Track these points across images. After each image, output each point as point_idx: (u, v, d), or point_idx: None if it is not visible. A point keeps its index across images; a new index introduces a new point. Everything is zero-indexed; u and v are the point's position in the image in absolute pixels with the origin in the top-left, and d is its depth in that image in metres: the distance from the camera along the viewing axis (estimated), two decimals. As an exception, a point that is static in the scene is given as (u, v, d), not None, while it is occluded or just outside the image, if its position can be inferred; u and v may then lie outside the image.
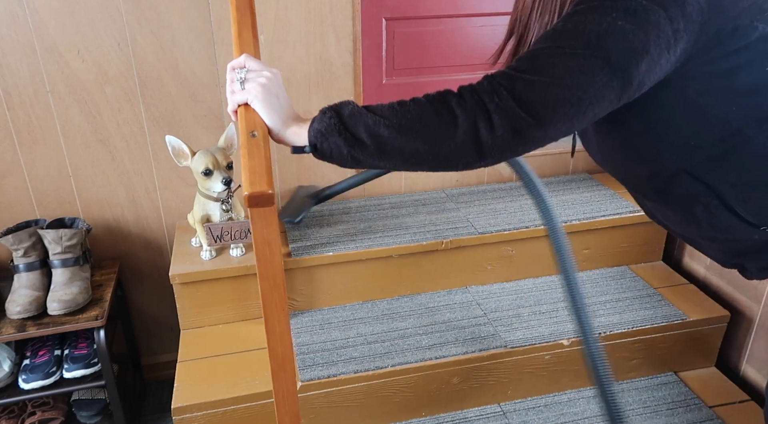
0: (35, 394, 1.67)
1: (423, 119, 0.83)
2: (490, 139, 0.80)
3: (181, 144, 1.63)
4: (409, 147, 0.83)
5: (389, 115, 0.84)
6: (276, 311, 0.92)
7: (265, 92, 0.92)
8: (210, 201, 1.68)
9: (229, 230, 1.68)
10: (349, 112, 0.87)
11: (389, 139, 0.83)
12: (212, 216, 1.70)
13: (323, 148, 0.88)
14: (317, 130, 0.88)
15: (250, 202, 0.83)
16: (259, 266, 0.89)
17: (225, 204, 1.68)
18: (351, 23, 1.82)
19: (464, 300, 1.87)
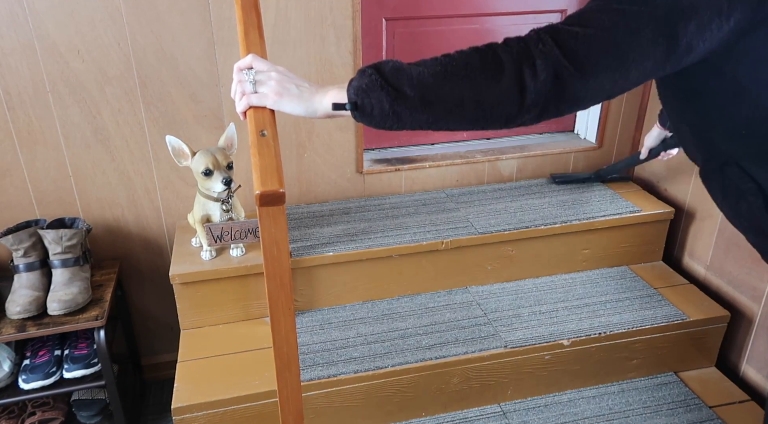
0: (35, 394, 1.67)
1: (469, 65, 0.83)
2: (533, 84, 0.79)
3: (181, 144, 1.63)
4: (453, 94, 0.83)
5: (433, 64, 0.85)
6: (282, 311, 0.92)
7: (283, 90, 0.92)
8: (210, 201, 1.68)
9: (230, 230, 1.67)
10: (391, 68, 0.86)
11: (433, 87, 0.83)
12: (212, 216, 1.70)
13: (364, 105, 0.87)
14: (357, 88, 0.87)
15: (261, 201, 0.83)
16: (266, 265, 0.89)
17: (225, 204, 1.68)
18: (351, 23, 1.82)
19: (464, 300, 1.87)
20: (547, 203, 2.03)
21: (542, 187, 2.16)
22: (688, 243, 2.02)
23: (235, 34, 1.76)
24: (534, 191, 2.12)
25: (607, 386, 1.79)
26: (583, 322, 1.76)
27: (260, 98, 0.93)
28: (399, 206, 2.02)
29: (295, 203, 2.04)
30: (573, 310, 1.81)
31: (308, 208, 2.02)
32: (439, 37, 2.04)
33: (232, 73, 1.85)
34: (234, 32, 1.75)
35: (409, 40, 2.01)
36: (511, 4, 2.04)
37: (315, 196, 2.05)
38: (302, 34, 1.80)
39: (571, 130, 2.34)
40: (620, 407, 1.71)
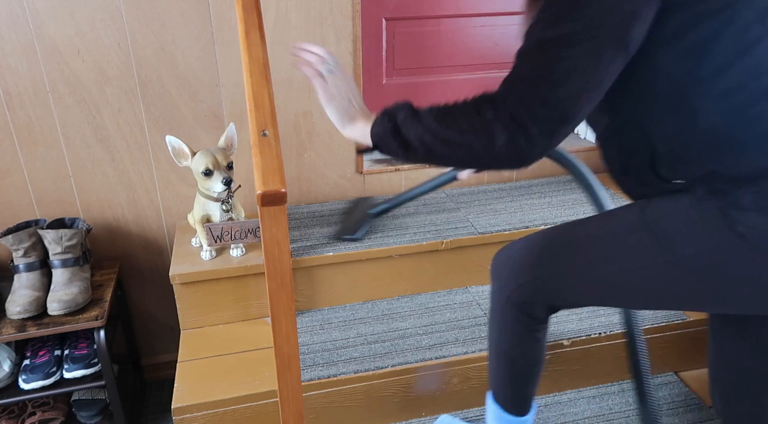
0: (35, 394, 1.66)
1: (464, 134, 0.90)
2: (528, 148, 0.87)
3: (181, 144, 1.63)
4: (454, 156, 0.93)
5: (434, 126, 0.92)
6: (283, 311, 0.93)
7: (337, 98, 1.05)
8: (210, 201, 1.68)
9: (230, 230, 1.67)
10: (402, 118, 0.95)
11: (435, 148, 0.92)
12: (212, 216, 1.70)
13: (383, 149, 1.00)
14: (376, 133, 0.99)
15: (263, 201, 0.84)
16: (267, 265, 0.89)
17: (225, 204, 1.68)
18: (351, 23, 1.82)
19: (464, 300, 1.87)
20: (547, 203, 2.03)
21: (542, 187, 2.16)
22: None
23: (235, 34, 1.76)
24: (534, 191, 2.12)
25: (607, 386, 1.79)
26: (583, 322, 1.76)
27: (321, 87, 1.05)
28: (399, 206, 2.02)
29: (295, 203, 2.04)
30: (573, 310, 1.81)
31: (308, 208, 2.02)
32: (439, 37, 2.04)
33: (232, 73, 1.86)
34: (234, 32, 1.75)
35: (409, 40, 2.01)
36: (511, 3, 2.04)
37: (315, 197, 2.05)
38: (302, 35, 1.80)
39: (571, 130, 2.34)
40: (620, 407, 1.71)
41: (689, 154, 0.92)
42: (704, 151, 0.90)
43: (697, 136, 0.90)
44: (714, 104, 0.87)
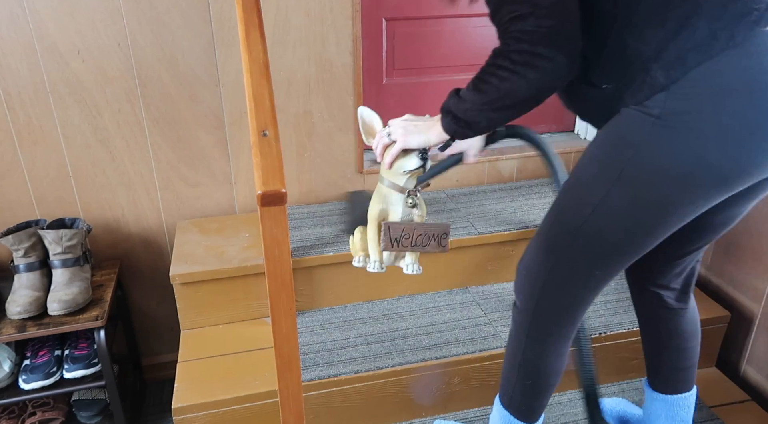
0: (35, 394, 1.67)
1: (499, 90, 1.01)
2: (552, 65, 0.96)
3: (373, 116, 1.31)
4: (507, 109, 1.05)
5: (475, 98, 1.05)
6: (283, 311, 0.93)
7: (406, 132, 1.19)
8: (393, 192, 1.27)
9: (411, 233, 1.27)
10: (453, 106, 1.09)
11: (488, 113, 1.06)
12: (392, 212, 1.27)
13: (459, 137, 1.15)
14: (446, 129, 1.13)
15: (263, 201, 0.84)
16: (267, 265, 0.89)
17: (411, 197, 1.27)
18: (351, 23, 1.82)
19: (464, 300, 1.87)
20: (547, 203, 2.03)
21: (542, 187, 2.16)
22: (688, 243, 2.03)
23: (235, 34, 1.76)
24: (534, 191, 2.12)
25: (607, 386, 1.79)
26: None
27: (397, 144, 1.19)
28: (399, 206, 2.02)
29: (296, 203, 2.04)
30: (573, 310, 1.81)
31: (308, 208, 2.02)
32: (439, 37, 2.04)
33: (232, 73, 1.87)
34: (234, 32, 1.75)
35: (409, 40, 2.01)
36: (511, 4, 2.04)
37: (315, 197, 2.05)
38: (302, 35, 1.80)
39: (571, 131, 2.35)
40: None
41: (607, 54, 1.01)
42: (616, 47, 1.00)
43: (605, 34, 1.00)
44: None
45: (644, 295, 1.37)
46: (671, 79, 0.95)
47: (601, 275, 1.14)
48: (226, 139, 1.87)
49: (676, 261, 1.28)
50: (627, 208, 1.04)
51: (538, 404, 1.31)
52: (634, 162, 1.01)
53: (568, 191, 1.15)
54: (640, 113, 1.00)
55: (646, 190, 1.02)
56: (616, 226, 1.07)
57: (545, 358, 1.24)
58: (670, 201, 1.02)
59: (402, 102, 2.08)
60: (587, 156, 1.11)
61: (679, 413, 1.44)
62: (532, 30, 0.95)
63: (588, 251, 1.11)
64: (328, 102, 1.90)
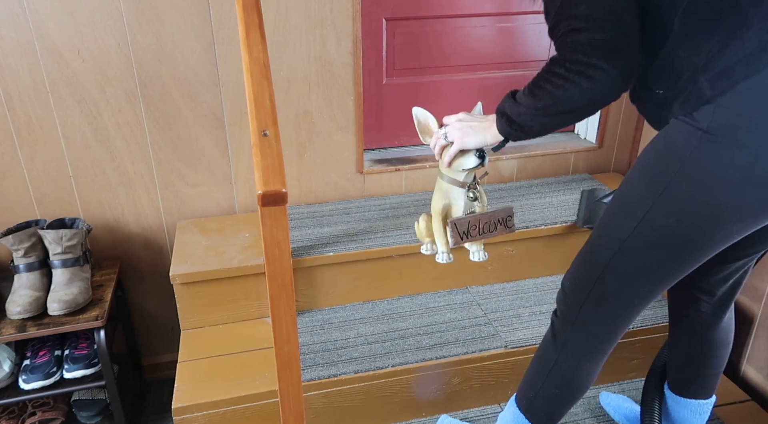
0: (35, 394, 1.67)
1: (553, 96, 1.05)
2: (605, 76, 0.99)
3: (428, 117, 1.34)
4: (559, 117, 1.08)
5: (530, 102, 1.08)
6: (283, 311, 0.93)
7: (463, 133, 1.23)
8: (454, 187, 1.34)
9: (477, 224, 1.35)
10: (509, 109, 1.13)
11: (541, 118, 1.09)
12: (454, 206, 1.36)
13: (512, 139, 1.18)
14: (501, 131, 1.17)
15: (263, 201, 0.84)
16: (267, 265, 0.89)
17: (471, 191, 1.35)
18: (351, 23, 1.82)
19: (464, 300, 1.87)
20: (548, 203, 2.03)
21: (542, 187, 2.16)
22: (688, 243, 2.02)
23: (235, 34, 1.76)
24: (534, 191, 2.12)
25: (607, 386, 1.79)
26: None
27: (455, 146, 1.24)
28: (399, 206, 2.02)
29: (296, 203, 2.04)
30: (573, 310, 1.81)
31: (308, 208, 2.02)
32: (439, 37, 2.04)
33: (232, 73, 1.87)
34: (234, 32, 1.75)
35: (409, 40, 2.01)
36: (511, 4, 2.04)
37: (315, 197, 2.05)
38: (302, 35, 1.80)
39: (571, 131, 2.35)
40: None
41: (660, 62, 1.03)
42: (669, 56, 1.01)
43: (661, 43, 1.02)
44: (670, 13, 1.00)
45: (685, 298, 1.34)
46: (717, 91, 0.94)
47: (647, 292, 1.12)
48: (226, 139, 1.87)
49: (723, 267, 1.25)
50: (672, 223, 1.02)
51: (558, 413, 1.31)
52: (680, 176, 0.99)
53: (616, 203, 1.13)
54: (688, 126, 0.98)
55: (691, 206, 1.00)
56: (660, 240, 1.05)
57: (578, 371, 1.23)
58: (716, 217, 0.99)
59: (402, 102, 2.08)
60: (636, 167, 1.10)
61: (690, 418, 1.42)
62: (587, 42, 0.98)
63: (634, 265, 1.09)
64: (328, 102, 1.90)
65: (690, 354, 1.39)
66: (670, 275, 1.09)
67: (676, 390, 1.44)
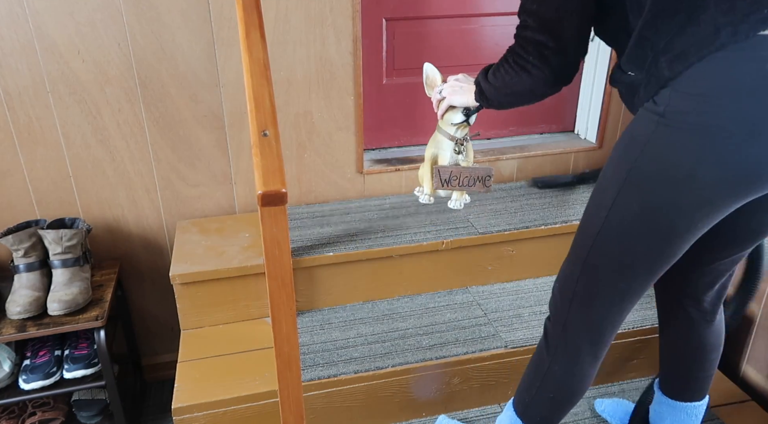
0: (35, 394, 1.66)
1: (507, 83, 1.19)
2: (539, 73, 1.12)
3: (435, 72, 1.52)
4: (513, 98, 1.24)
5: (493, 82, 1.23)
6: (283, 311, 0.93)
7: (452, 91, 1.40)
8: (444, 139, 1.51)
9: (458, 175, 1.52)
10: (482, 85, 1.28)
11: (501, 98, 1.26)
12: (442, 156, 1.53)
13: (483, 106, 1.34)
14: (476, 98, 1.33)
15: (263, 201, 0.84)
16: (267, 265, 0.89)
17: (458, 146, 1.51)
18: (351, 23, 1.82)
19: (464, 300, 1.87)
20: (547, 203, 2.03)
21: (542, 187, 2.16)
22: (688, 243, 2.02)
23: (235, 34, 1.76)
24: (534, 191, 2.12)
25: (607, 386, 1.79)
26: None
27: (445, 100, 1.42)
28: (399, 206, 2.02)
29: (296, 204, 2.04)
30: (573, 310, 1.81)
31: (308, 208, 2.02)
32: (439, 37, 2.04)
33: (232, 73, 1.87)
34: (234, 32, 1.75)
35: (409, 40, 2.01)
36: (511, 3, 2.04)
37: (315, 197, 2.05)
38: (302, 35, 1.80)
39: (571, 131, 2.34)
40: (620, 407, 1.71)
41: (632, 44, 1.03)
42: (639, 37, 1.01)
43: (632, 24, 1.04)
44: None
45: (672, 303, 1.35)
46: (674, 72, 0.94)
47: (625, 289, 1.11)
48: (226, 139, 1.87)
49: (707, 268, 1.24)
50: (636, 212, 1.03)
51: (555, 418, 1.30)
52: (639, 163, 1.00)
53: (591, 196, 1.14)
54: (648, 112, 1.00)
55: (650, 193, 1.00)
56: (627, 231, 1.05)
57: (571, 376, 1.23)
58: (674, 205, 0.99)
59: (402, 102, 2.08)
60: (609, 158, 1.11)
61: (685, 421, 1.42)
62: (529, 40, 1.10)
63: (607, 259, 1.09)
64: (328, 102, 1.90)
65: (682, 359, 1.39)
66: (643, 270, 1.08)
67: (671, 394, 1.43)
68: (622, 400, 1.69)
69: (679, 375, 1.41)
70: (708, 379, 1.40)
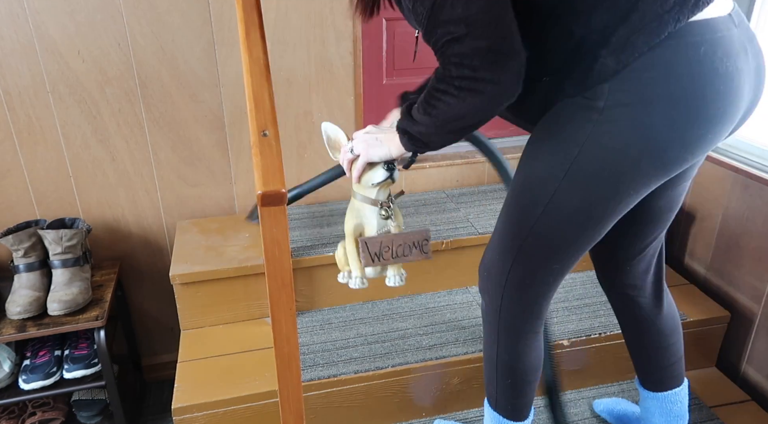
0: (35, 394, 1.67)
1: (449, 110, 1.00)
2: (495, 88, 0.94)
3: (338, 132, 1.29)
4: (456, 126, 1.04)
5: (425, 120, 1.05)
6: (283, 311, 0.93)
7: (367, 146, 1.19)
8: (366, 205, 1.28)
9: (390, 245, 1.25)
10: (411, 130, 1.10)
11: (438, 131, 1.06)
12: (367, 226, 1.28)
13: (421, 152, 1.16)
14: (406, 147, 1.14)
15: (263, 202, 0.84)
16: (267, 265, 0.89)
17: (384, 209, 1.27)
18: (351, 24, 1.82)
19: (465, 300, 1.87)
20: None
21: (542, 187, 2.16)
22: (689, 243, 2.02)
23: (235, 34, 1.76)
24: (534, 191, 2.12)
25: (607, 386, 1.79)
26: (583, 322, 1.76)
27: (358, 157, 1.21)
28: (399, 206, 2.02)
29: (296, 204, 2.04)
30: (573, 310, 1.81)
31: (308, 208, 2.02)
32: (439, 37, 2.04)
33: (232, 73, 1.86)
34: (234, 32, 1.75)
35: (409, 40, 2.01)
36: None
37: (315, 197, 2.05)
38: (302, 35, 1.80)
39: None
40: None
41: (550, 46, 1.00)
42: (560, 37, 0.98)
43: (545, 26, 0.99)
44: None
45: (619, 298, 1.38)
46: (622, 63, 0.94)
47: (558, 269, 1.15)
48: (226, 139, 1.87)
49: (637, 256, 1.28)
50: (577, 205, 1.05)
51: (522, 401, 1.31)
52: (579, 159, 1.01)
53: (518, 191, 1.15)
54: (583, 107, 0.99)
55: (594, 186, 1.03)
56: (567, 222, 1.07)
57: (519, 355, 1.24)
58: (617, 192, 1.03)
59: (402, 102, 2.08)
60: (531, 153, 1.11)
61: (673, 409, 1.44)
62: (471, 53, 0.92)
63: (543, 248, 1.12)
64: (328, 102, 1.90)
65: (648, 350, 1.42)
66: (578, 251, 1.12)
67: (652, 387, 1.45)
68: (621, 400, 1.69)
69: (652, 366, 1.43)
70: (679, 363, 1.42)
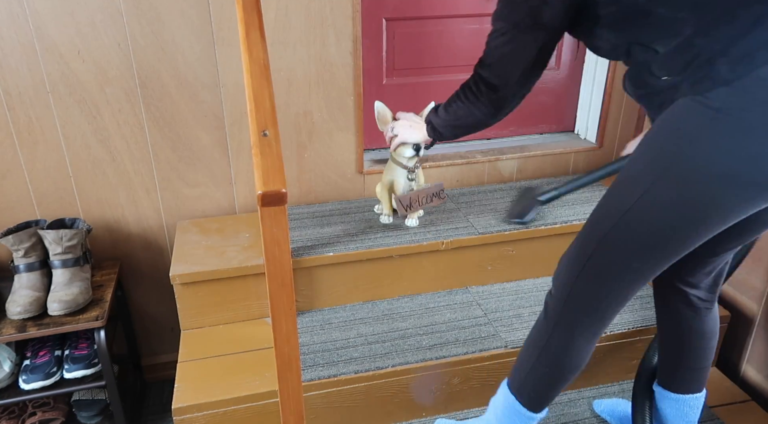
0: (36, 394, 1.67)
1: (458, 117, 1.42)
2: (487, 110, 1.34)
3: (386, 110, 1.77)
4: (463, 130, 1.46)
5: (445, 117, 1.46)
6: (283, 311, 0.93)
7: (404, 129, 1.71)
8: (398, 167, 1.79)
9: (417, 198, 1.82)
10: (433, 121, 1.53)
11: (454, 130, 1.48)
12: (397, 183, 1.81)
13: (435, 140, 1.65)
14: (428, 134, 1.59)
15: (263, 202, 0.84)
16: (267, 265, 0.89)
17: (411, 173, 1.80)
18: (351, 24, 1.82)
19: (464, 300, 1.87)
20: (547, 203, 2.02)
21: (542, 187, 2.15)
22: (688, 243, 2.02)
23: (235, 34, 1.76)
24: (534, 191, 2.12)
25: (607, 386, 1.79)
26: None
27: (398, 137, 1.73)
28: (399, 206, 2.02)
29: (296, 204, 2.04)
30: (573, 310, 1.81)
31: (308, 208, 2.02)
32: (439, 37, 2.04)
33: (232, 73, 1.87)
34: (234, 32, 1.75)
35: (409, 40, 2.01)
36: (511, 4, 2.04)
37: (315, 197, 2.05)
38: (302, 35, 1.80)
39: (571, 131, 2.35)
40: (620, 407, 1.71)
41: (672, 51, 1.04)
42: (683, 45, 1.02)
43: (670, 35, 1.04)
44: None
45: (670, 291, 1.36)
46: (736, 74, 0.95)
47: (638, 269, 1.13)
48: (226, 140, 1.87)
49: (707, 259, 1.27)
50: (672, 200, 1.03)
51: (548, 394, 1.31)
52: (686, 155, 1.00)
53: (618, 181, 1.14)
54: (700, 105, 0.99)
55: (694, 185, 1.01)
56: (658, 218, 1.06)
57: (569, 350, 1.24)
58: (715, 199, 1.01)
59: (402, 102, 2.08)
60: (642, 146, 1.11)
61: (689, 414, 1.44)
62: (485, 80, 1.29)
63: (628, 241, 1.10)
64: (328, 102, 1.90)
65: (681, 348, 1.41)
66: (662, 256, 1.10)
67: (669, 387, 1.45)
68: (621, 400, 1.69)
69: (679, 366, 1.43)
70: (706, 370, 1.43)
